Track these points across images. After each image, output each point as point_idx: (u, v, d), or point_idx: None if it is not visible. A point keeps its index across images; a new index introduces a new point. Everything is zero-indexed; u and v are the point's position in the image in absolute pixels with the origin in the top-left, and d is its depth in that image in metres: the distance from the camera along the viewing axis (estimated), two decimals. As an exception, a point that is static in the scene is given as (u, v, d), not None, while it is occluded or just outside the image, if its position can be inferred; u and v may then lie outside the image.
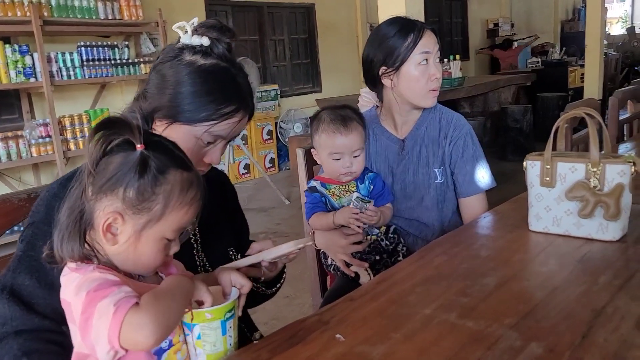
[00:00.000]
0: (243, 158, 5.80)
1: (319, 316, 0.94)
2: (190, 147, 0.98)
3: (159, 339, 0.69)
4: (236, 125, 1.00)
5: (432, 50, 1.49)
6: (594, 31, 5.69)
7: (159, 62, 1.00)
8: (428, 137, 1.58)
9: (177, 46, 1.00)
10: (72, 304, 0.72)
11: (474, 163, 1.56)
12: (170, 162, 0.77)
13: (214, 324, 0.82)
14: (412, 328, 0.87)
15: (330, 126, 1.41)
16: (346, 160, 1.41)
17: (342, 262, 1.49)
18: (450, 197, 1.59)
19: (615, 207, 1.11)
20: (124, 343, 0.67)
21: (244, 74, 1.03)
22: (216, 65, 0.99)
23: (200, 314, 0.81)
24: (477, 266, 1.11)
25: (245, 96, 1.01)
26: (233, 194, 1.25)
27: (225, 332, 0.84)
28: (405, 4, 2.80)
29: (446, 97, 5.58)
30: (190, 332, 0.82)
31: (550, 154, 1.22)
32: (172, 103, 0.97)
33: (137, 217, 0.75)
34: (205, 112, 0.96)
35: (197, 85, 0.96)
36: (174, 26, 1.00)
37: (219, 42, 1.00)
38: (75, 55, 4.37)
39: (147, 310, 0.68)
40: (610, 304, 0.88)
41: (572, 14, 12.80)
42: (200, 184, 0.81)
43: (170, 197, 0.76)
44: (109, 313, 0.66)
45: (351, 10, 7.60)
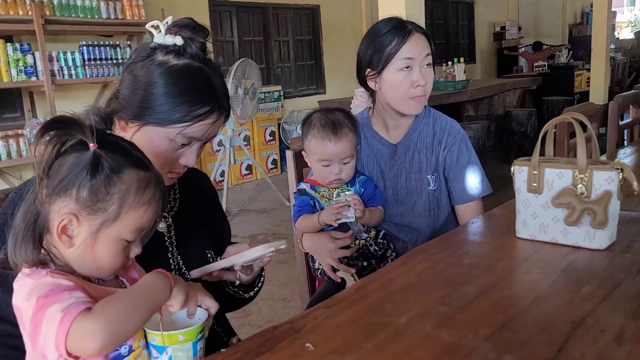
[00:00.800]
0: (245, 159, 5.79)
1: (291, 324, 0.92)
2: (164, 149, 0.96)
3: (108, 346, 0.66)
4: (211, 126, 0.98)
5: (417, 57, 1.42)
6: (600, 35, 5.63)
7: (131, 62, 0.98)
8: (421, 142, 1.54)
9: (150, 46, 0.97)
10: (23, 310, 0.70)
11: (469, 170, 1.52)
12: (125, 161, 0.75)
13: (186, 345, 0.81)
14: (384, 338, 0.84)
15: (320, 132, 1.37)
16: (335, 167, 1.39)
17: (328, 267, 1.46)
18: (443, 204, 1.56)
19: (602, 214, 1.08)
20: (72, 350, 0.65)
21: (220, 74, 1.01)
22: (189, 66, 0.96)
23: (173, 336, 0.79)
24: (459, 273, 1.08)
25: (220, 97, 0.99)
26: (213, 195, 1.22)
27: (196, 354, 0.82)
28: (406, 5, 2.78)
29: (450, 100, 5.55)
30: (159, 354, 0.80)
31: (538, 160, 1.19)
32: (144, 104, 0.94)
33: (93, 218, 0.73)
34: (178, 114, 0.94)
35: (169, 86, 0.94)
36: (147, 25, 0.98)
37: (193, 42, 0.97)
38: (77, 55, 4.39)
39: (97, 317, 0.65)
40: (591, 316, 0.85)
41: (580, 18, 12.73)
42: (159, 184, 0.79)
43: (125, 196, 0.74)
44: (57, 319, 0.64)
45: (356, 11, 7.59)
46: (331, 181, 1.41)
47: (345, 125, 1.39)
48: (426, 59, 1.44)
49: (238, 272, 1.04)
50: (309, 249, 1.52)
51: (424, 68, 1.43)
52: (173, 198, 1.11)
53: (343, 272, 1.46)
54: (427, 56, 1.44)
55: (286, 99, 6.73)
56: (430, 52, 1.45)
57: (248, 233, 4.22)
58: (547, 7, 11.82)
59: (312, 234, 1.48)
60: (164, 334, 0.79)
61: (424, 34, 1.45)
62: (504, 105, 6.93)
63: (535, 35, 11.37)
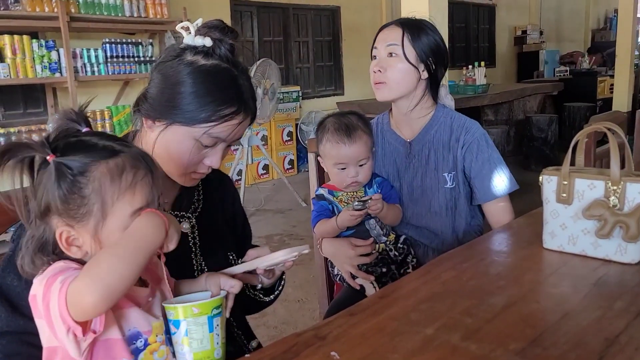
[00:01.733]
0: (262, 159, 5.80)
1: (315, 330, 0.91)
2: (189, 148, 0.96)
3: (105, 301, 0.67)
4: (236, 127, 0.97)
5: (380, 46, 1.48)
6: (625, 40, 5.55)
7: (160, 62, 0.98)
8: (437, 140, 1.52)
9: (180, 46, 0.98)
10: (37, 295, 0.71)
11: (490, 166, 1.49)
12: (89, 158, 0.74)
13: (201, 319, 0.81)
14: (411, 348, 0.83)
15: (335, 136, 1.37)
16: (351, 170, 1.38)
17: (347, 274, 1.45)
18: (461, 203, 1.53)
19: (635, 228, 1.05)
20: (75, 314, 0.66)
21: (247, 76, 1.01)
22: (217, 66, 0.96)
23: (187, 309, 0.80)
24: (485, 284, 1.06)
25: (247, 98, 0.99)
26: (235, 197, 1.22)
27: (212, 330, 0.82)
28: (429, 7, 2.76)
29: (470, 104, 5.50)
30: (177, 329, 0.81)
31: (568, 169, 1.16)
32: (171, 103, 0.95)
33: (84, 224, 0.73)
34: (204, 114, 0.94)
35: (196, 85, 0.94)
36: (178, 26, 0.99)
37: (222, 43, 0.97)
38: (99, 52, 4.44)
39: (86, 274, 0.66)
40: (625, 333, 0.83)
41: (603, 23, 12.54)
42: (137, 161, 0.77)
43: (102, 192, 0.73)
44: (57, 289, 0.66)
45: (376, 13, 7.56)
46: (348, 184, 1.41)
47: (359, 127, 1.39)
48: (389, 47, 1.46)
49: (260, 276, 1.04)
50: (329, 254, 1.51)
51: (386, 57, 1.46)
52: (197, 199, 1.11)
53: (362, 280, 1.45)
54: (389, 45, 1.46)
55: (304, 100, 6.73)
56: (399, 42, 1.45)
57: (264, 233, 4.22)
58: (570, 12, 11.67)
59: (332, 240, 1.48)
60: (178, 306, 0.80)
61: (401, 24, 1.47)
62: (524, 110, 6.85)
63: (557, 40, 11.23)
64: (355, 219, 1.37)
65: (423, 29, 1.48)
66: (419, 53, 1.45)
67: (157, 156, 0.97)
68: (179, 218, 1.05)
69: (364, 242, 1.44)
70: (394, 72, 1.45)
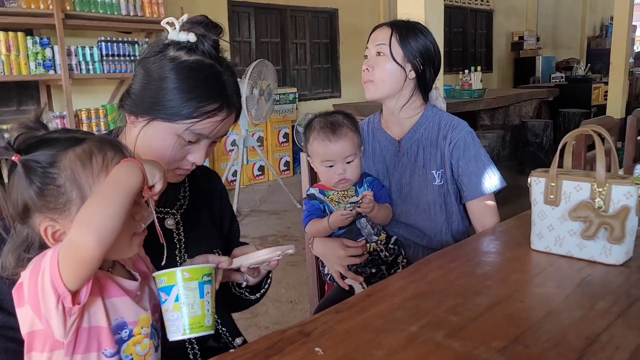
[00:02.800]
0: (258, 160, 5.80)
1: (301, 327, 0.91)
2: (171, 144, 0.95)
3: (102, 241, 0.68)
4: (219, 124, 0.97)
5: (371, 46, 1.51)
6: (619, 48, 5.58)
7: (144, 57, 0.98)
8: (426, 138, 1.53)
9: (164, 42, 0.97)
10: (24, 281, 0.71)
11: (477, 163, 1.49)
12: (55, 149, 0.74)
13: (192, 284, 0.82)
14: (395, 345, 0.83)
15: (320, 134, 1.39)
16: (339, 167, 1.39)
17: (337, 274, 1.46)
18: (449, 201, 1.53)
19: (619, 229, 1.06)
20: (71, 270, 0.67)
21: (232, 72, 1.00)
22: (200, 62, 0.96)
23: (178, 273, 0.82)
24: (472, 283, 1.06)
25: (231, 94, 0.98)
26: (223, 194, 1.22)
27: (203, 296, 0.84)
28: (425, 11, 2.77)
29: (466, 108, 5.52)
30: (167, 296, 0.82)
31: (556, 171, 1.17)
32: (154, 99, 0.94)
33: (66, 214, 0.74)
34: (187, 110, 0.93)
35: (179, 81, 0.93)
36: (163, 22, 0.98)
37: (205, 39, 0.97)
38: (95, 50, 4.43)
39: (76, 226, 0.68)
40: (606, 332, 0.83)
41: (599, 31, 12.61)
42: (103, 144, 0.77)
43: (76, 178, 0.74)
44: (48, 258, 0.67)
45: (374, 16, 7.58)
46: (337, 182, 1.41)
47: (344, 124, 1.40)
48: (377, 47, 1.49)
49: (245, 274, 1.04)
50: (320, 254, 1.52)
51: (375, 56, 1.50)
52: (183, 196, 1.11)
53: (351, 280, 1.45)
54: (378, 44, 1.48)
55: (301, 102, 6.74)
56: (386, 42, 1.47)
57: (258, 234, 4.22)
58: (566, 19, 11.73)
59: (323, 240, 1.48)
60: (169, 271, 0.82)
61: (391, 25, 1.50)
62: (519, 115, 6.88)
63: (554, 47, 11.29)
64: (347, 219, 1.37)
65: (412, 30, 1.49)
66: (406, 53, 1.47)
67: (140, 152, 0.97)
68: (163, 214, 1.05)
69: (355, 243, 1.45)
70: (381, 71, 1.47)
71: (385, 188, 1.53)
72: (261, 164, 5.97)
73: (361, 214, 1.42)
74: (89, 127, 4.43)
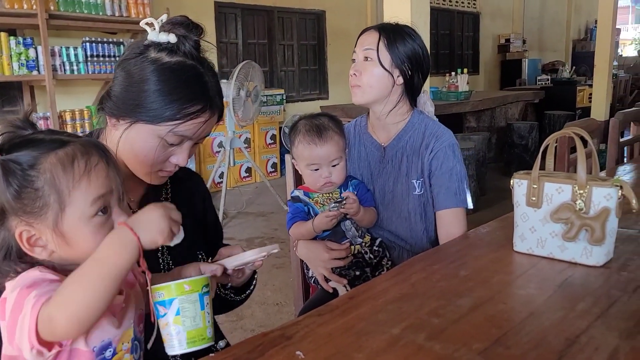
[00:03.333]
0: (245, 161, 5.78)
1: (282, 330, 0.91)
2: (153, 147, 0.94)
3: (78, 328, 0.66)
4: (202, 125, 0.96)
5: (358, 50, 1.49)
6: (603, 51, 5.65)
7: (124, 59, 0.97)
8: (410, 146, 1.52)
9: (144, 43, 0.96)
10: (7, 300, 0.69)
11: (452, 176, 1.47)
12: (37, 151, 0.72)
13: (193, 296, 0.80)
14: (376, 348, 0.83)
15: (306, 137, 1.38)
16: (324, 170, 1.38)
17: (321, 276, 1.45)
18: (430, 210, 1.52)
19: (600, 231, 1.07)
20: (44, 335, 0.65)
21: (213, 73, 1.00)
22: (182, 63, 0.95)
23: (179, 286, 0.79)
24: (454, 285, 1.07)
25: (213, 95, 0.97)
26: (206, 196, 1.21)
27: (204, 307, 0.81)
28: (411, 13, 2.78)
29: (452, 110, 5.55)
30: (167, 309, 0.79)
31: (538, 173, 1.18)
32: (135, 102, 0.93)
33: (43, 218, 0.71)
34: (169, 112, 0.92)
35: (160, 83, 0.93)
36: (142, 22, 0.97)
37: (186, 40, 0.96)
38: (79, 51, 4.39)
39: (56, 302, 0.65)
40: (586, 333, 0.84)
41: (584, 34, 12.76)
42: (88, 148, 0.75)
43: (56, 182, 0.71)
44: (30, 305, 0.64)
45: (362, 18, 7.60)
46: (322, 185, 1.41)
47: (330, 128, 1.39)
48: (365, 51, 1.47)
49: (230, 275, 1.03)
50: (303, 257, 1.51)
51: (362, 60, 1.48)
52: (164, 198, 1.10)
53: (335, 283, 1.45)
54: (365, 49, 1.47)
55: (289, 103, 6.73)
56: (374, 47, 1.46)
57: (245, 236, 4.20)
58: (552, 22, 11.85)
59: (307, 242, 1.47)
60: (169, 284, 0.79)
61: (379, 29, 1.48)
62: (505, 117, 6.93)
63: (540, 49, 11.40)
64: (331, 221, 1.37)
65: (400, 35, 1.48)
66: (394, 58, 1.45)
67: (122, 155, 0.96)
68: None
69: (339, 246, 1.44)
70: (369, 77, 1.46)
71: (371, 192, 1.53)
72: (248, 166, 5.94)
73: (346, 215, 1.41)
74: (73, 128, 4.38)
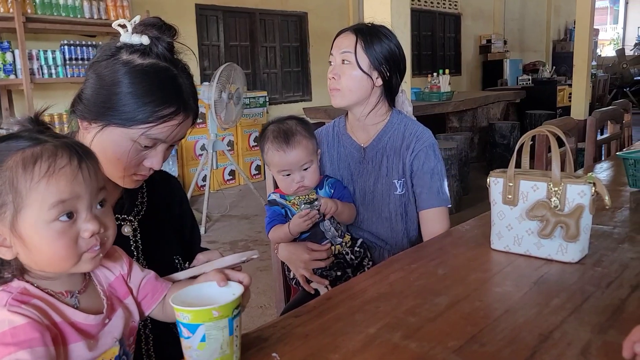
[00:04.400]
0: (228, 164, 5.75)
1: (259, 332, 0.91)
2: (126, 150, 0.93)
3: None
4: (176, 128, 0.95)
5: (335, 54, 1.48)
6: (582, 51, 5.73)
7: (95, 61, 0.95)
8: (390, 147, 1.53)
9: (116, 45, 0.94)
10: None
11: (433, 176, 1.49)
12: (7, 148, 0.69)
13: (221, 322, 0.73)
14: (352, 348, 0.83)
15: (274, 144, 1.37)
16: (296, 175, 1.38)
17: (302, 278, 1.45)
18: (412, 210, 1.54)
19: (574, 228, 1.08)
20: None
21: (187, 75, 0.98)
22: (155, 65, 0.93)
23: (206, 312, 0.72)
24: (432, 284, 1.07)
25: (187, 98, 0.96)
26: (182, 199, 1.20)
27: (232, 332, 0.75)
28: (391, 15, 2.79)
29: (434, 111, 5.58)
30: (191, 334, 0.73)
31: (514, 172, 1.19)
32: (107, 104, 0.92)
33: (2, 217, 0.68)
34: (142, 115, 0.91)
35: (133, 85, 0.91)
36: (114, 23, 0.96)
37: (159, 41, 0.94)
38: (57, 54, 4.34)
39: None
40: (559, 329, 0.85)
41: (563, 34, 12.94)
42: (60, 149, 0.71)
43: (15, 181, 0.68)
44: None
45: (344, 19, 7.61)
46: (295, 189, 1.40)
47: (297, 132, 1.38)
48: (342, 54, 1.47)
49: None
50: (284, 258, 1.50)
51: (340, 64, 1.47)
52: (140, 202, 1.08)
53: (316, 284, 1.44)
54: (343, 52, 1.46)
55: (272, 105, 6.72)
56: (351, 50, 1.45)
57: (229, 239, 4.18)
58: (532, 23, 12.00)
59: (287, 244, 1.47)
60: (194, 310, 0.73)
61: (355, 31, 1.47)
62: (487, 117, 6.99)
63: (521, 50, 11.53)
64: (306, 222, 1.37)
65: (377, 36, 1.48)
66: (372, 60, 1.45)
67: None
68: (120, 221, 1.02)
69: (320, 247, 1.44)
70: (348, 80, 1.46)
71: (348, 189, 1.53)
72: (232, 169, 5.92)
73: (324, 216, 1.41)
74: (53, 132, 4.33)
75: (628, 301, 0.94)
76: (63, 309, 0.72)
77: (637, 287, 0.99)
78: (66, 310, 0.73)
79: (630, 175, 1.74)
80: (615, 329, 0.83)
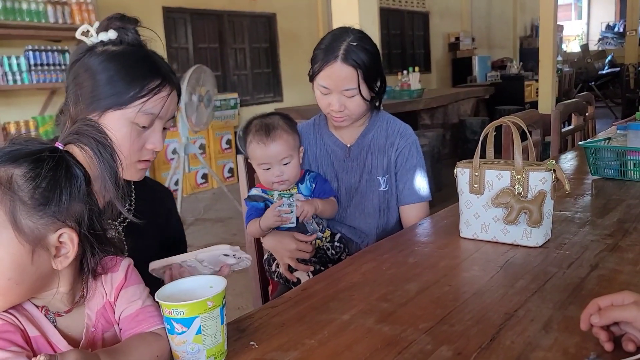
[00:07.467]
0: (200, 167, 5.72)
1: (236, 324, 0.93)
2: (127, 134, 0.97)
3: None
4: (167, 100, 1.00)
5: (333, 87, 1.43)
6: (547, 47, 5.86)
7: (71, 64, 1.00)
8: (375, 144, 1.57)
9: (88, 45, 0.99)
10: None
11: (415, 172, 1.56)
12: None
13: (215, 312, 0.76)
14: (327, 334, 0.86)
15: (256, 137, 1.40)
16: (276, 169, 1.40)
17: (285, 266, 1.47)
18: (393, 205, 1.59)
19: (537, 213, 1.13)
20: None
21: (159, 56, 1.05)
22: (128, 49, 1.00)
23: (201, 304, 0.74)
24: (403, 272, 1.10)
25: (167, 72, 1.02)
26: (171, 210, 1.22)
27: (223, 321, 0.79)
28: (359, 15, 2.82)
29: (406, 109, 5.65)
30: (187, 328, 0.75)
31: (479, 162, 1.23)
32: (95, 92, 0.96)
33: None
34: (133, 90, 0.96)
35: (116, 68, 0.97)
36: (77, 33, 1.01)
37: (126, 30, 1.01)
38: (22, 60, 4.25)
39: None
40: (523, 307, 0.89)
41: (530, 31, 13.23)
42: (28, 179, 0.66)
43: None
44: None
45: (312, 19, 7.65)
46: (275, 182, 1.42)
47: (279, 127, 1.41)
48: (347, 91, 1.43)
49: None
50: (270, 247, 1.52)
51: (343, 96, 1.44)
52: (128, 209, 1.09)
53: (300, 273, 1.47)
54: (346, 89, 1.43)
55: (243, 107, 6.71)
56: (355, 86, 1.42)
57: (203, 242, 4.16)
58: (499, 20, 12.23)
59: (274, 233, 1.48)
60: (191, 303, 0.74)
61: (353, 64, 1.41)
62: (458, 114, 7.12)
63: (489, 47, 11.74)
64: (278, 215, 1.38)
65: (372, 58, 1.46)
66: (371, 87, 1.49)
67: None
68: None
69: (306, 237, 1.46)
70: (355, 107, 1.47)
71: (329, 183, 1.55)
72: (204, 172, 5.89)
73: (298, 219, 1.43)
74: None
75: (587, 279, 0.99)
76: (44, 325, 0.73)
77: (596, 266, 1.04)
78: (45, 327, 0.73)
79: (592, 164, 1.81)
80: (575, 304, 0.88)
